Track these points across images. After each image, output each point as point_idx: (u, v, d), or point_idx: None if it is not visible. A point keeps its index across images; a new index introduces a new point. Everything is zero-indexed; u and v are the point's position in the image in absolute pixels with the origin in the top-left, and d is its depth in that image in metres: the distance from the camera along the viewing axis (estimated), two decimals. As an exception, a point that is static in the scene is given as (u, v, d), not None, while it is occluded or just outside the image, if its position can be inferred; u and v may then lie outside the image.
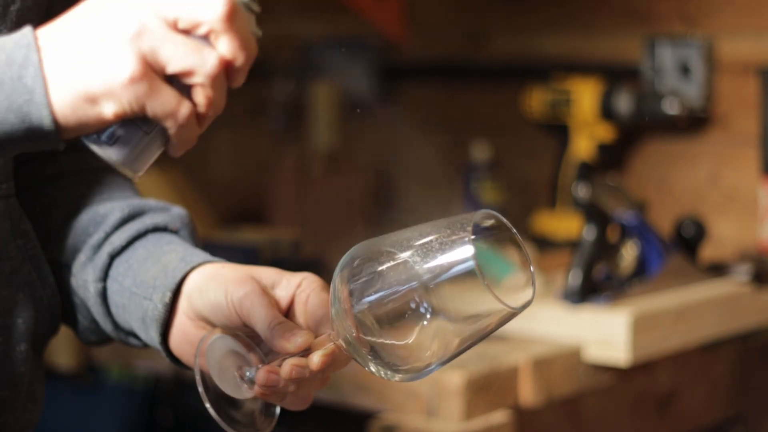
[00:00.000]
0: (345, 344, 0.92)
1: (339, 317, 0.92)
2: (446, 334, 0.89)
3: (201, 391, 0.96)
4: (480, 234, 0.89)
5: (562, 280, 1.87)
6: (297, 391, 0.97)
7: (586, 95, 2.34)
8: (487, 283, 0.86)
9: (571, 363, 1.80)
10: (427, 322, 0.88)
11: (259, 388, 0.95)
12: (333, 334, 0.94)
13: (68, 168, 1.17)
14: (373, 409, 1.73)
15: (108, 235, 1.11)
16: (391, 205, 2.78)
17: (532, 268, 0.89)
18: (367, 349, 0.91)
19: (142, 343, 1.09)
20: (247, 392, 0.96)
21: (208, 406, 0.96)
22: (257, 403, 0.99)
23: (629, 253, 1.92)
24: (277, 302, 0.99)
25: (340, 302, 0.91)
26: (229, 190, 2.97)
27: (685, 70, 2.37)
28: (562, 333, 1.83)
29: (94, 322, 1.13)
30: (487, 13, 2.68)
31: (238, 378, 0.96)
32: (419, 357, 0.90)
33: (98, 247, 1.11)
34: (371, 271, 0.90)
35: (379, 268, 0.89)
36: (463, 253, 0.87)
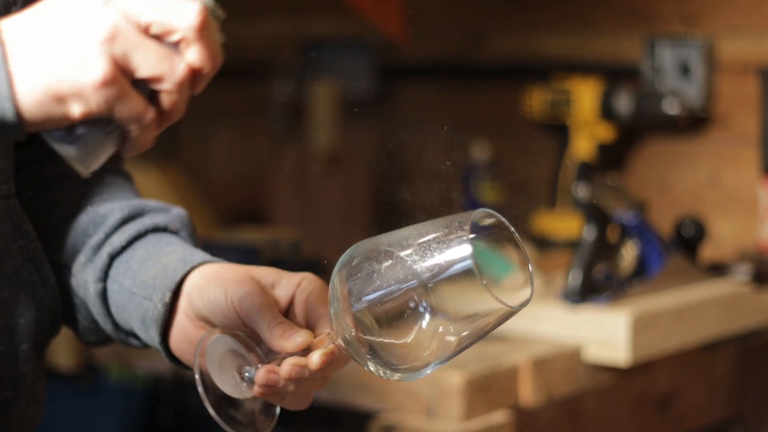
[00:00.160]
0: (344, 343, 0.92)
1: (338, 316, 0.92)
2: (445, 333, 0.89)
3: (200, 391, 0.96)
4: (479, 233, 0.89)
5: (562, 280, 1.87)
6: (297, 391, 0.97)
7: (586, 95, 2.34)
8: (485, 282, 0.86)
9: (571, 363, 1.80)
10: (426, 322, 0.88)
11: (258, 387, 0.95)
12: (332, 334, 0.94)
13: (68, 169, 1.17)
14: (373, 409, 1.73)
15: (108, 236, 1.11)
16: (390, 205, 2.78)
17: (530, 267, 0.89)
18: (366, 349, 0.91)
19: (142, 343, 1.10)
20: (246, 392, 0.96)
21: (208, 406, 0.96)
22: (257, 402, 0.99)
23: (629, 253, 1.92)
24: (276, 302, 0.99)
25: (339, 301, 0.92)
26: (229, 190, 2.97)
27: (685, 70, 2.37)
28: (562, 333, 1.83)
29: (94, 322, 1.13)
30: (487, 13, 2.68)
31: (237, 378, 0.96)
32: (418, 356, 0.90)
33: (98, 248, 1.11)
34: (370, 271, 0.90)
35: (378, 268, 0.90)
36: (461, 252, 0.87)
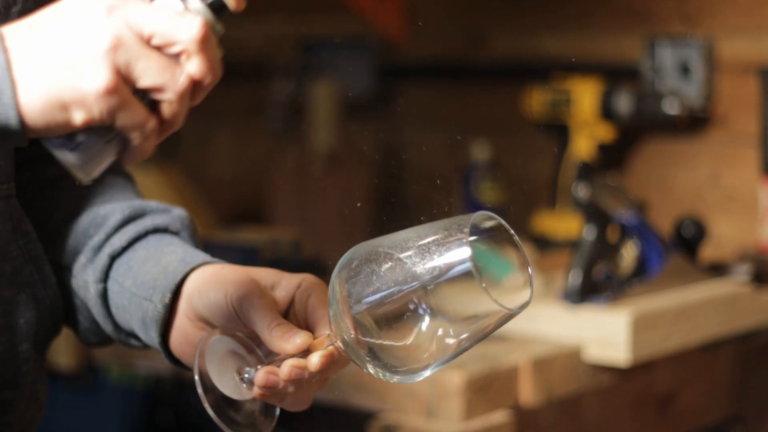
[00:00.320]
0: (343, 345, 0.92)
1: (337, 318, 0.92)
2: (444, 335, 0.89)
3: (200, 392, 0.96)
4: (479, 235, 0.89)
5: (562, 280, 1.87)
6: (296, 392, 0.97)
7: (586, 95, 2.34)
8: (484, 285, 0.86)
9: (571, 363, 1.80)
10: (426, 324, 0.88)
11: (258, 388, 0.95)
12: (331, 335, 0.94)
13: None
14: (373, 409, 1.73)
15: (108, 237, 1.11)
16: (390, 205, 2.78)
17: (530, 269, 0.89)
18: (366, 350, 0.91)
19: (143, 343, 1.10)
20: (246, 393, 0.96)
21: (207, 407, 0.96)
22: (257, 403, 0.99)
23: (629, 253, 1.92)
24: (276, 303, 0.99)
25: (338, 303, 0.92)
26: (229, 190, 2.97)
27: (685, 70, 2.37)
28: (562, 333, 1.83)
29: (94, 323, 1.13)
30: (487, 13, 2.68)
31: (237, 379, 0.96)
32: (417, 358, 0.90)
33: (99, 249, 1.11)
34: (369, 272, 0.90)
35: (378, 269, 0.90)
36: (460, 254, 0.87)
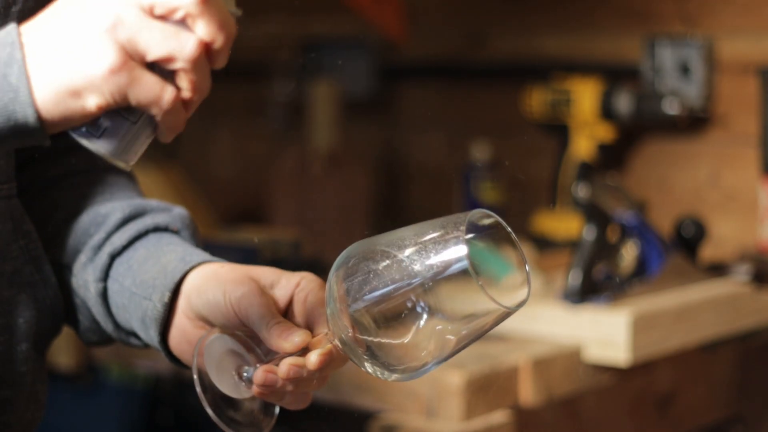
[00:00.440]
0: (341, 344, 0.92)
1: (334, 317, 0.92)
2: (443, 333, 0.89)
3: (199, 391, 0.96)
4: (478, 233, 0.89)
5: (562, 280, 1.87)
6: (295, 391, 0.97)
7: (586, 95, 2.34)
8: (481, 283, 0.86)
9: (571, 363, 1.80)
10: (424, 322, 0.88)
11: (257, 387, 0.95)
12: (329, 334, 0.94)
13: (70, 169, 1.17)
14: (373, 409, 1.73)
15: (109, 236, 1.11)
16: (390, 205, 2.78)
17: (527, 266, 0.89)
18: (363, 349, 0.91)
19: (143, 343, 1.10)
20: (245, 392, 0.96)
21: (206, 406, 0.96)
22: (256, 402, 0.99)
23: (629, 253, 1.92)
24: (275, 302, 0.99)
25: (336, 302, 0.91)
26: (229, 190, 2.97)
27: (685, 70, 2.37)
28: (562, 333, 1.83)
29: (95, 322, 1.13)
30: (487, 13, 2.68)
31: (236, 377, 0.96)
32: (415, 357, 0.90)
33: (99, 248, 1.11)
34: (367, 271, 0.90)
35: (375, 268, 0.89)
36: (457, 252, 0.87)
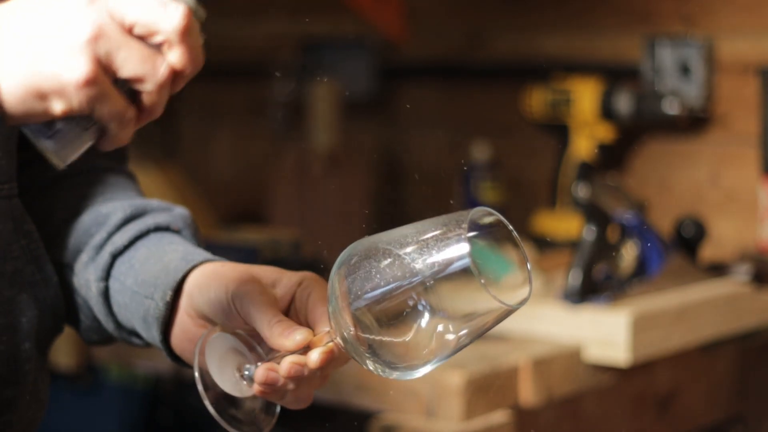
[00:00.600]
0: (342, 342, 0.92)
1: (336, 315, 0.92)
2: (444, 331, 0.89)
3: (200, 389, 0.96)
4: (479, 232, 0.89)
5: (562, 280, 1.87)
6: (297, 390, 0.97)
7: (586, 95, 2.34)
8: (483, 280, 0.86)
9: (571, 363, 1.80)
10: (425, 320, 0.88)
11: (258, 385, 0.95)
12: (331, 332, 0.94)
13: (71, 169, 1.17)
14: (373, 409, 1.73)
15: (110, 235, 1.11)
16: (391, 205, 2.78)
17: (528, 264, 0.89)
18: (365, 347, 0.91)
19: (144, 342, 1.10)
20: (246, 390, 0.96)
21: (208, 405, 0.96)
22: (257, 401, 0.99)
23: (629, 253, 1.92)
24: (277, 301, 0.99)
25: (338, 300, 0.92)
26: (229, 190, 2.97)
27: (685, 70, 2.37)
28: (562, 333, 1.83)
29: (96, 321, 1.13)
30: (487, 13, 2.68)
31: (237, 376, 0.96)
32: (417, 355, 0.90)
33: (100, 247, 1.11)
34: (369, 269, 0.90)
35: (377, 266, 0.89)
36: (458, 250, 0.87)
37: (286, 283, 1.00)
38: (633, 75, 2.43)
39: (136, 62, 0.84)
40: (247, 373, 0.96)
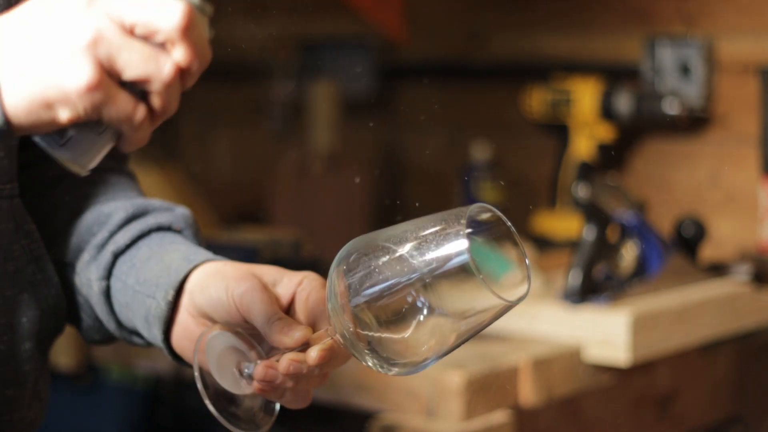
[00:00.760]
0: (342, 339, 0.93)
1: (336, 312, 0.92)
2: (443, 328, 0.89)
3: (200, 387, 0.96)
4: (477, 228, 0.89)
5: (562, 280, 1.87)
6: (296, 388, 0.97)
7: (586, 95, 2.35)
8: (482, 276, 0.86)
9: (571, 363, 1.80)
10: (424, 317, 0.89)
11: (257, 383, 0.95)
12: (330, 329, 0.94)
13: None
14: (373, 409, 1.73)
15: (112, 235, 1.11)
16: (390, 205, 2.78)
17: (527, 260, 0.89)
18: (365, 344, 0.91)
19: (146, 341, 1.10)
20: (246, 388, 0.96)
21: (207, 402, 0.96)
22: (257, 400, 0.99)
23: (629, 253, 1.92)
24: (277, 299, 1.00)
25: (337, 297, 0.92)
26: (229, 190, 2.97)
27: (685, 70, 2.37)
28: (562, 333, 1.83)
29: (97, 320, 1.13)
30: (487, 13, 2.68)
31: (237, 374, 0.96)
32: (416, 351, 0.90)
33: (102, 246, 1.11)
34: (368, 266, 0.90)
35: (376, 263, 0.90)
36: (457, 246, 0.87)
37: (287, 282, 1.01)
38: (633, 75, 2.43)
39: (139, 63, 0.84)
40: (246, 370, 0.96)
